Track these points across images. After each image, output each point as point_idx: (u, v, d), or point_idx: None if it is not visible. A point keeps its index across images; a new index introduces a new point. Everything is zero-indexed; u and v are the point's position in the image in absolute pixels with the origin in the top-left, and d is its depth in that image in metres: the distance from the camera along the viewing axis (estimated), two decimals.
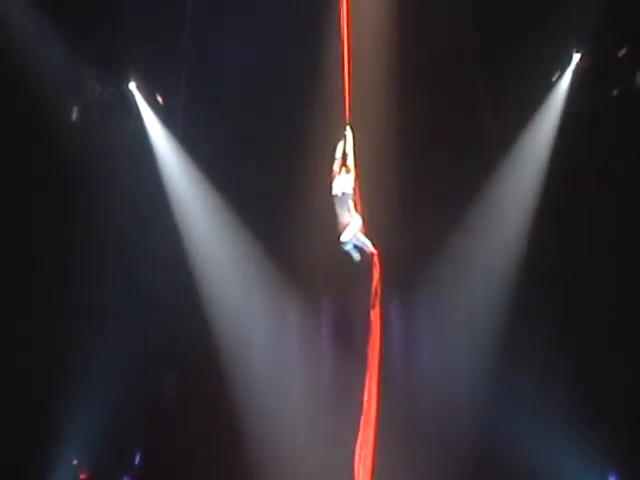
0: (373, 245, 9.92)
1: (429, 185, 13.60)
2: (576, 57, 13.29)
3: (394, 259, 11.91)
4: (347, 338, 13.77)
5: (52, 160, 13.43)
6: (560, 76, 13.42)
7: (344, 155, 9.81)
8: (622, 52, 13.01)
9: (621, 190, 12.93)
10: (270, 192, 13.87)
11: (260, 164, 13.92)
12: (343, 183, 9.76)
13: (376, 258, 9.98)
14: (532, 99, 13.47)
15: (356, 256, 9.96)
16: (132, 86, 14.02)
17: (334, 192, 9.82)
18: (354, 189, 9.73)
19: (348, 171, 9.73)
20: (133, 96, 14.06)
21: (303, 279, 13.96)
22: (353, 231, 9.75)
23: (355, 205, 9.76)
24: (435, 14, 13.00)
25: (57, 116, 13.65)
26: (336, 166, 9.89)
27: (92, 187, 13.59)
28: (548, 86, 13.47)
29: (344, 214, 9.76)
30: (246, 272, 14.18)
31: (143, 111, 14.09)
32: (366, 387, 10.20)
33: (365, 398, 10.17)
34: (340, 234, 9.76)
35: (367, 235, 9.89)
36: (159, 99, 14.21)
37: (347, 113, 9.87)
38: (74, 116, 13.94)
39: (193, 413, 13.95)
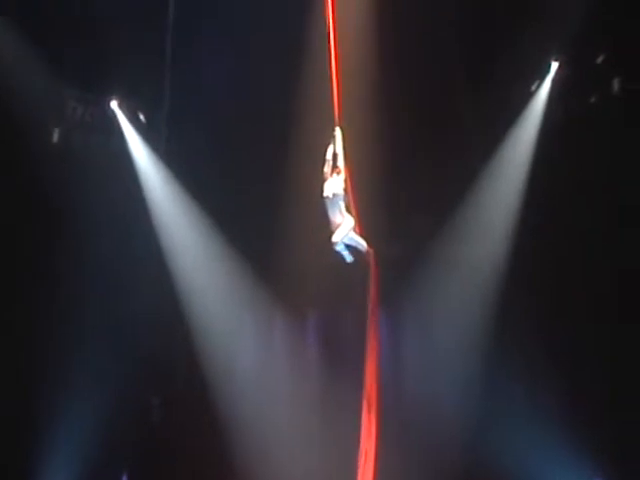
0: (368, 244, 10.03)
1: (413, 193, 13.78)
2: (555, 65, 13.50)
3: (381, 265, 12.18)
4: (338, 352, 13.81)
5: (33, 182, 13.46)
6: (540, 85, 13.64)
7: (334, 157, 9.89)
8: (599, 59, 13.24)
9: (601, 195, 13.14)
10: (255, 206, 13.93)
11: (244, 179, 14.01)
12: (334, 185, 9.86)
13: (372, 257, 10.09)
14: (514, 107, 13.68)
15: (348, 257, 10.01)
16: (114, 104, 14.06)
17: (325, 194, 9.92)
18: (345, 190, 9.82)
19: (339, 172, 9.83)
20: (115, 115, 14.10)
21: (291, 293, 13.99)
22: (345, 231, 9.83)
23: (347, 206, 9.85)
24: (417, 24, 13.22)
25: (38, 138, 13.70)
26: (327, 168, 9.98)
27: (75, 207, 13.60)
28: (528, 95, 13.69)
29: (336, 215, 9.87)
30: (233, 289, 14.20)
31: (125, 129, 14.13)
32: (365, 394, 10.35)
33: (364, 409, 10.32)
34: (332, 235, 9.86)
35: (361, 235, 9.99)
36: (141, 117, 14.26)
37: (337, 115, 9.95)
38: (55, 138, 13.97)
39: (180, 435, 13.91)
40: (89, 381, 13.24)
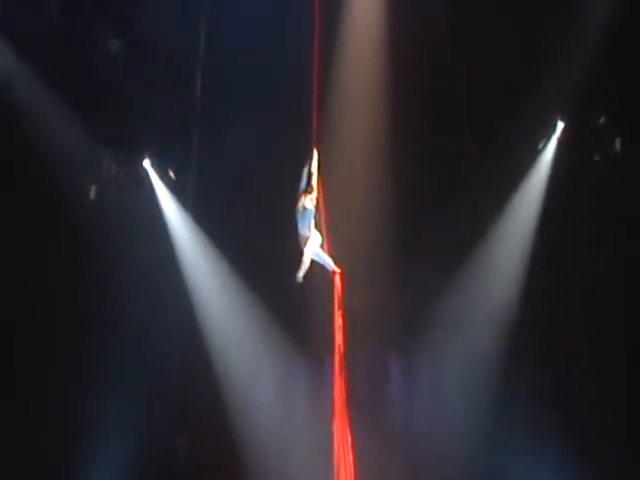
0: (335, 264, 10.46)
1: (423, 248, 13.97)
2: (560, 125, 13.93)
3: (393, 316, 12.72)
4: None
5: (70, 236, 14.21)
6: (546, 143, 14.04)
7: (309, 175, 10.50)
8: (601, 120, 13.67)
9: (603, 248, 13.53)
10: (277, 257, 13.80)
11: (264, 229, 14.29)
12: (306, 200, 10.42)
13: (337, 277, 10.47)
14: (522, 165, 14.09)
15: (301, 273, 10.36)
16: (146, 163, 14.75)
17: (297, 207, 10.47)
18: (316, 207, 10.37)
19: (311, 191, 10.42)
20: (147, 172, 14.79)
21: (308, 336, 14.25)
22: (313, 246, 10.33)
23: (317, 222, 10.39)
24: (425, 88, 13.79)
25: (76, 195, 14.44)
26: (302, 184, 10.55)
27: (109, 258, 14.26)
28: (536, 153, 14.10)
29: (305, 230, 10.41)
30: (253, 334, 14.58)
31: (156, 185, 14.77)
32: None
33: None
34: (302, 247, 10.32)
35: (330, 254, 10.44)
36: (171, 175, 14.86)
37: (314, 137, 10.62)
38: (92, 194, 14.72)
39: (204, 475, 14.21)
40: (120, 422, 13.74)
